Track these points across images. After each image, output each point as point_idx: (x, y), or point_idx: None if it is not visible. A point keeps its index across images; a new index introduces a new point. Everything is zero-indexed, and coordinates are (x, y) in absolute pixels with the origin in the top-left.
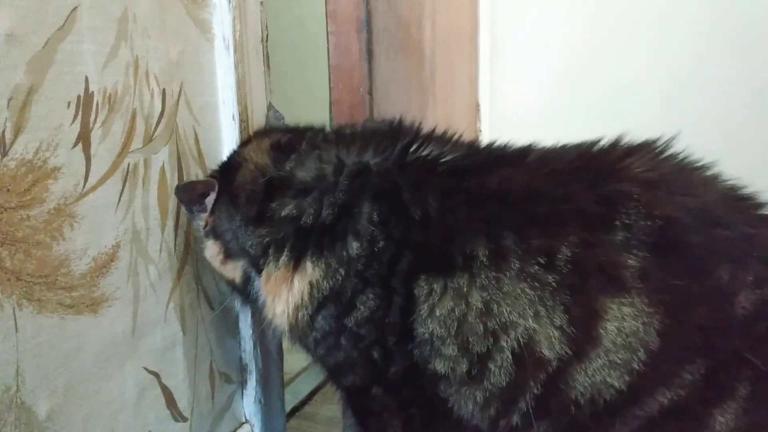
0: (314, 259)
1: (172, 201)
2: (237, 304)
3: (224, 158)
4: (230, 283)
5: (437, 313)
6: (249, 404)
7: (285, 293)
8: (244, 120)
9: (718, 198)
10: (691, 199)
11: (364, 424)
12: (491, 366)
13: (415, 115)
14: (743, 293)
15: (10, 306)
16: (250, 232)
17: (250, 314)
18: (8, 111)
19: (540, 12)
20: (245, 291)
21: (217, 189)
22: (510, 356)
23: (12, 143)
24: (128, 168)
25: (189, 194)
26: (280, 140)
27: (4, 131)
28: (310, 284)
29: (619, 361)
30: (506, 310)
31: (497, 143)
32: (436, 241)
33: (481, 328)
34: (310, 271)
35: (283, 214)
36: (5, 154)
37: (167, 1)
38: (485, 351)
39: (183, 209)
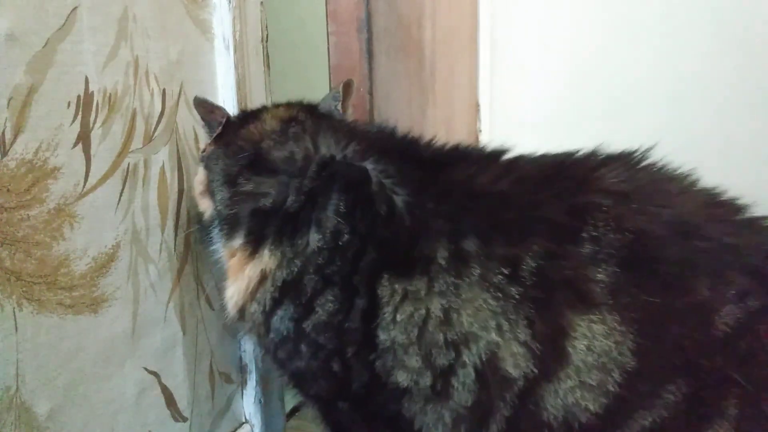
0: (272, 247)
1: (172, 201)
2: None
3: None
4: (198, 216)
5: (398, 318)
6: (249, 404)
7: (238, 278)
8: None
9: (695, 207)
10: (666, 210)
11: None
12: (455, 383)
13: (415, 115)
14: (725, 308)
15: (10, 306)
16: (223, 188)
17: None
18: (8, 111)
19: (541, 12)
20: (206, 231)
21: (224, 124)
22: (473, 373)
23: (12, 143)
24: (128, 168)
25: (203, 111)
26: (296, 117)
27: (4, 131)
28: (262, 272)
29: (592, 383)
30: (466, 321)
31: (474, 146)
32: (400, 237)
33: (441, 338)
34: (266, 259)
35: (243, 189)
36: (5, 154)
37: (167, 1)
38: (448, 365)
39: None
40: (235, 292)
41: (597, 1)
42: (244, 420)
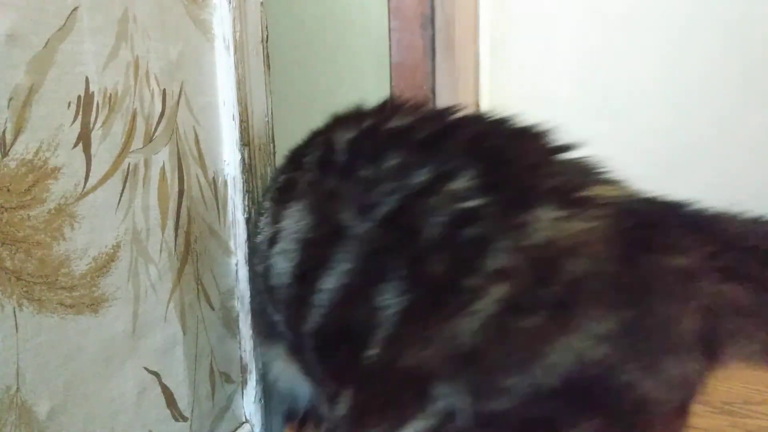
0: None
1: (173, 201)
2: (237, 303)
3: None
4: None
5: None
6: (249, 404)
7: None
8: (244, 120)
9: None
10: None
11: None
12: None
13: None
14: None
15: (10, 306)
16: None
17: (250, 314)
18: (8, 111)
19: (541, 12)
20: None
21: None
22: None
23: (12, 143)
24: (128, 168)
25: None
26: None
27: (4, 131)
28: None
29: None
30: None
31: None
32: None
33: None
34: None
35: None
36: (6, 154)
37: (167, 1)
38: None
39: None
40: None
41: (598, 1)
42: (244, 419)
